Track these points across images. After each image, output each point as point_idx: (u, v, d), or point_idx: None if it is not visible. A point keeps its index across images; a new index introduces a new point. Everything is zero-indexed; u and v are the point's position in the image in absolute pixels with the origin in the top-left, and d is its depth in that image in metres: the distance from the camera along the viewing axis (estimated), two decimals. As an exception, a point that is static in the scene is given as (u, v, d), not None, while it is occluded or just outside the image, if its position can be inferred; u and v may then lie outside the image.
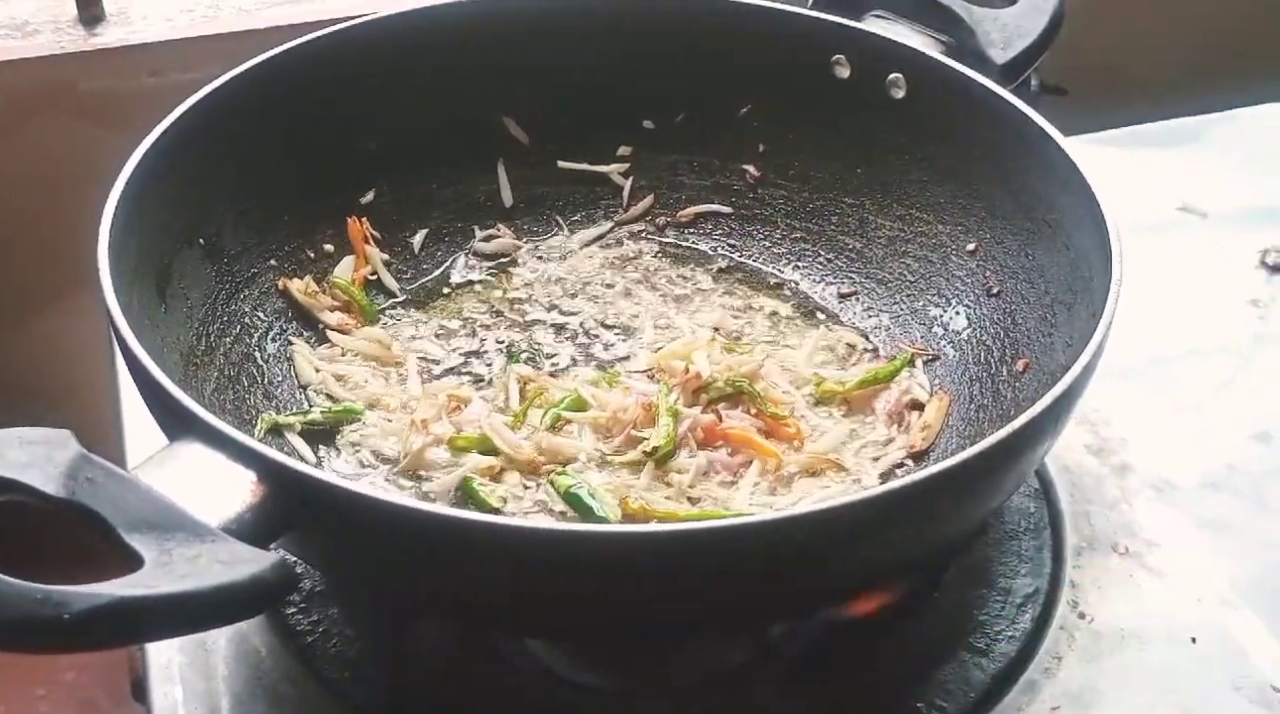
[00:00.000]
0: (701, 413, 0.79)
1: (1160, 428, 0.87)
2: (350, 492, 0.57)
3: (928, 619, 0.74)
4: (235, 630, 0.72)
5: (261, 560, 0.52)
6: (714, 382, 0.80)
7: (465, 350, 0.86)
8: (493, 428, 0.77)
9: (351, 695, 0.70)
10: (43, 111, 1.28)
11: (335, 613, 0.73)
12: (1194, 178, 1.09)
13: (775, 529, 0.56)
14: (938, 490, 0.59)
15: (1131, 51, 1.57)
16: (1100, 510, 0.81)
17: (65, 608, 0.48)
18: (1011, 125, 0.81)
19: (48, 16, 1.31)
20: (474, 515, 0.59)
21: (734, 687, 0.72)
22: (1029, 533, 0.80)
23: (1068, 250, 0.77)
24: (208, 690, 0.70)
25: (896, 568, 0.67)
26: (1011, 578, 0.77)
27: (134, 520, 0.52)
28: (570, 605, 0.61)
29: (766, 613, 0.67)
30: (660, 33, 0.93)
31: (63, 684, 1.54)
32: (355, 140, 0.90)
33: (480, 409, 0.80)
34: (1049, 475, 0.83)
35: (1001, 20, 0.88)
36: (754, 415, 0.80)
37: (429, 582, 0.62)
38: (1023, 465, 0.64)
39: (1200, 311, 0.97)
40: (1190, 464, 0.84)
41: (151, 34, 1.28)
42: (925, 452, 0.79)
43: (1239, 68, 1.49)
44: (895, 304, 0.88)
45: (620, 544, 0.58)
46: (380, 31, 0.89)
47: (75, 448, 0.54)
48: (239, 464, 0.57)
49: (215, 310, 0.80)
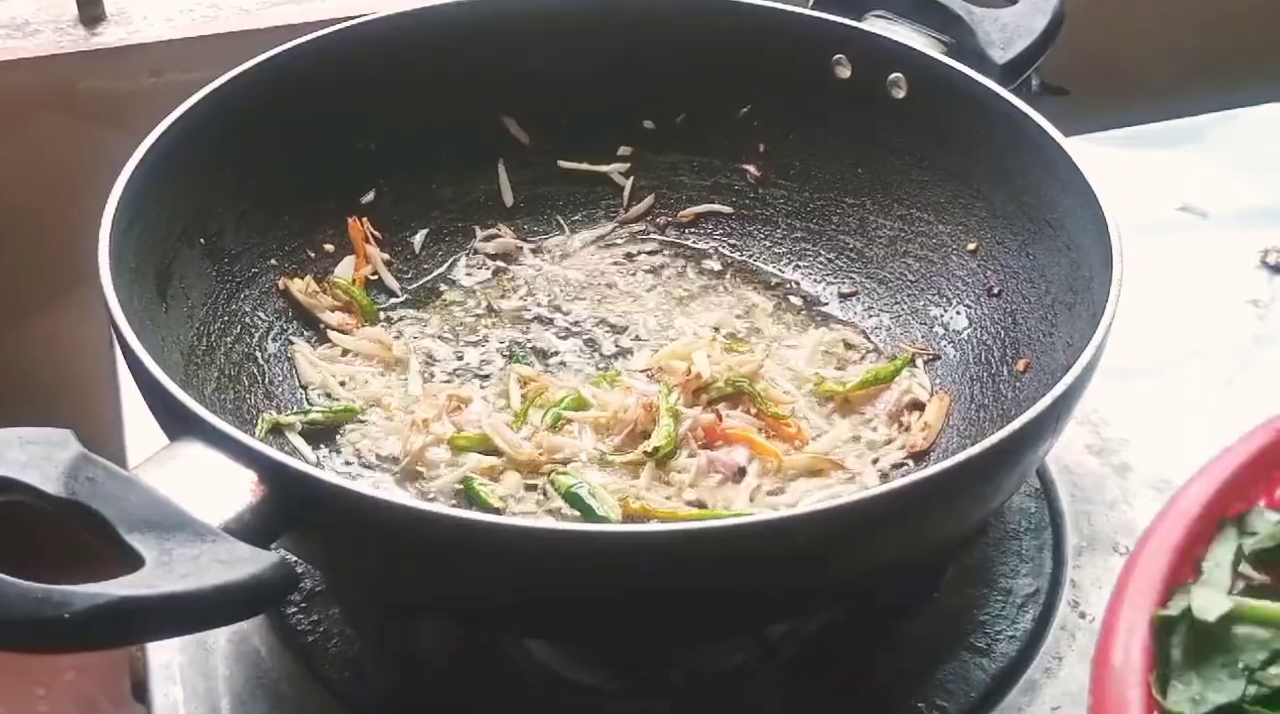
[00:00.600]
0: (702, 413, 0.79)
1: (1161, 428, 0.87)
2: (350, 491, 0.57)
3: (928, 619, 0.74)
4: (236, 630, 0.72)
5: (262, 560, 0.52)
6: (714, 381, 0.80)
7: (466, 350, 0.86)
8: (493, 427, 0.77)
9: (352, 695, 0.70)
10: (43, 111, 1.28)
11: (336, 613, 0.73)
12: (1194, 178, 1.09)
13: (775, 529, 0.56)
14: (938, 490, 0.59)
15: (1132, 52, 1.57)
16: (1101, 510, 0.81)
17: (66, 607, 0.48)
18: (1012, 125, 0.81)
19: (48, 16, 1.31)
20: (474, 515, 0.59)
21: (734, 687, 0.72)
22: (1030, 533, 0.80)
23: (1068, 250, 0.77)
24: (208, 690, 0.70)
25: (897, 568, 0.67)
26: (1012, 578, 0.77)
27: (134, 520, 0.52)
28: (570, 605, 0.61)
29: (766, 613, 0.67)
30: (660, 33, 0.93)
31: (63, 684, 1.54)
32: (356, 140, 0.90)
33: (481, 409, 0.80)
34: (1050, 475, 0.83)
35: (1002, 20, 0.88)
36: (754, 415, 0.80)
37: (429, 581, 0.62)
38: (1023, 465, 0.64)
39: (1201, 311, 0.97)
40: (1191, 464, 0.84)
41: (152, 34, 1.28)
42: (926, 451, 0.79)
43: (1239, 68, 1.49)
44: (896, 304, 0.88)
45: (620, 544, 0.58)
46: (381, 31, 0.89)
47: (76, 447, 0.54)
48: (239, 464, 0.57)
49: (216, 310, 0.80)
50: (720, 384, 0.80)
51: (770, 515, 0.57)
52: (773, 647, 0.73)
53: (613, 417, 0.79)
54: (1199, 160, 1.12)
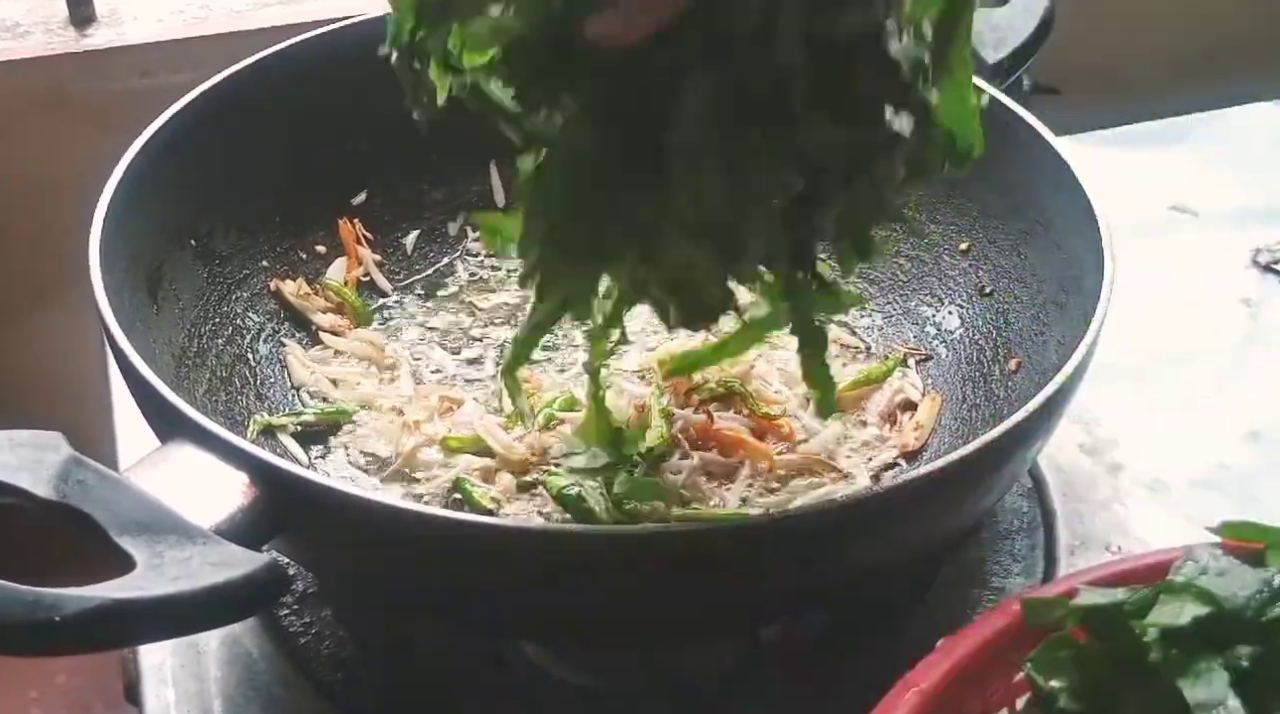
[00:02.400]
0: (693, 413, 0.79)
1: (1152, 427, 0.87)
2: (342, 493, 0.57)
3: (921, 619, 0.74)
4: (228, 633, 0.72)
5: (253, 562, 0.52)
6: (706, 382, 0.80)
7: (458, 351, 0.86)
8: (485, 429, 0.77)
9: (344, 697, 0.70)
10: (33, 113, 1.28)
11: (328, 614, 0.73)
12: (1185, 177, 1.10)
13: (767, 529, 0.56)
14: (930, 490, 0.59)
15: (1123, 51, 1.57)
16: (1093, 510, 0.82)
17: (57, 610, 0.48)
18: (1003, 125, 0.81)
19: (38, 17, 1.31)
20: (466, 516, 0.59)
21: (728, 686, 0.72)
22: (1022, 532, 0.80)
23: (1060, 250, 0.77)
24: (200, 693, 0.70)
25: (889, 568, 0.67)
26: (1005, 577, 0.77)
27: (125, 522, 0.52)
28: (563, 606, 0.61)
29: (759, 613, 0.67)
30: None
31: (55, 687, 1.53)
32: (347, 141, 0.90)
33: (473, 410, 0.80)
34: (1042, 474, 0.83)
35: (993, 20, 0.89)
36: (746, 416, 0.80)
37: (422, 583, 0.62)
38: (1015, 465, 0.64)
39: (1192, 311, 0.97)
40: (1182, 463, 0.85)
41: (142, 35, 1.28)
42: (918, 451, 0.79)
43: (1230, 67, 1.49)
44: (888, 304, 0.88)
45: (613, 544, 0.58)
46: (371, 33, 0.88)
47: (66, 450, 0.54)
48: (231, 466, 0.57)
49: (207, 312, 0.80)
50: (712, 385, 0.80)
51: (762, 516, 0.57)
52: (765, 647, 0.73)
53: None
54: (1190, 160, 1.12)
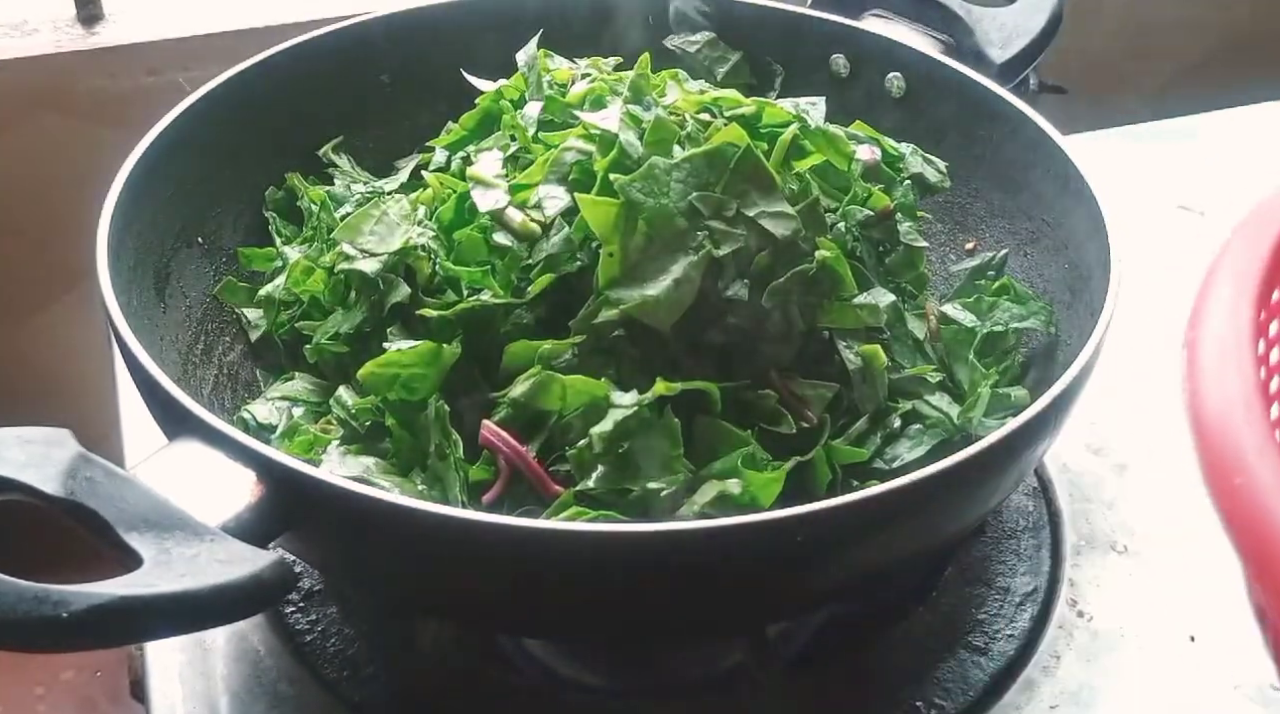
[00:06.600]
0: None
1: (1158, 426, 0.87)
2: (349, 491, 0.57)
3: (926, 618, 0.74)
4: (234, 630, 0.72)
5: (260, 560, 0.52)
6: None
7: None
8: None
9: (350, 695, 0.70)
10: (41, 111, 1.28)
11: (334, 612, 0.73)
12: (1192, 176, 1.09)
13: (774, 529, 0.56)
14: (937, 489, 0.59)
15: (1130, 51, 1.57)
16: (1099, 509, 0.81)
17: (64, 607, 0.48)
18: (1010, 124, 0.81)
19: (46, 15, 1.31)
20: (475, 514, 0.58)
21: (732, 686, 0.72)
22: (1028, 531, 0.80)
23: (1066, 249, 0.77)
24: (206, 690, 0.70)
25: (895, 567, 0.67)
26: (1010, 576, 0.77)
27: (133, 519, 0.52)
28: (568, 605, 0.61)
29: (765, 612, 0.67)
30: (660, 31, 0.93)
31: (62, 683, 1.54)
32: (354, 139, 0.90)
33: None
34: (1048, 474, 0.83)
35: (1000, 19, 0.88)
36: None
37: (429, 581, 0.62)
38: (1021, 464, 0.64)
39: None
40: (1188, 463, 0.84)
41: (150, 33, 1.29)
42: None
43: (1237, 67, 1.49)
44: (894, 303, 0.88)
45: (619, 543, 0.58)
46: (380, 30, 0.89)
47: (74, 447, 0.54)
48: (238, 463, 0.57)
49: (214, 309, 0.80)
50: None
51: (768, 515, 0.56)
52: (771, 646, 0.73)
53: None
54: (1197, 159, 1.12)
